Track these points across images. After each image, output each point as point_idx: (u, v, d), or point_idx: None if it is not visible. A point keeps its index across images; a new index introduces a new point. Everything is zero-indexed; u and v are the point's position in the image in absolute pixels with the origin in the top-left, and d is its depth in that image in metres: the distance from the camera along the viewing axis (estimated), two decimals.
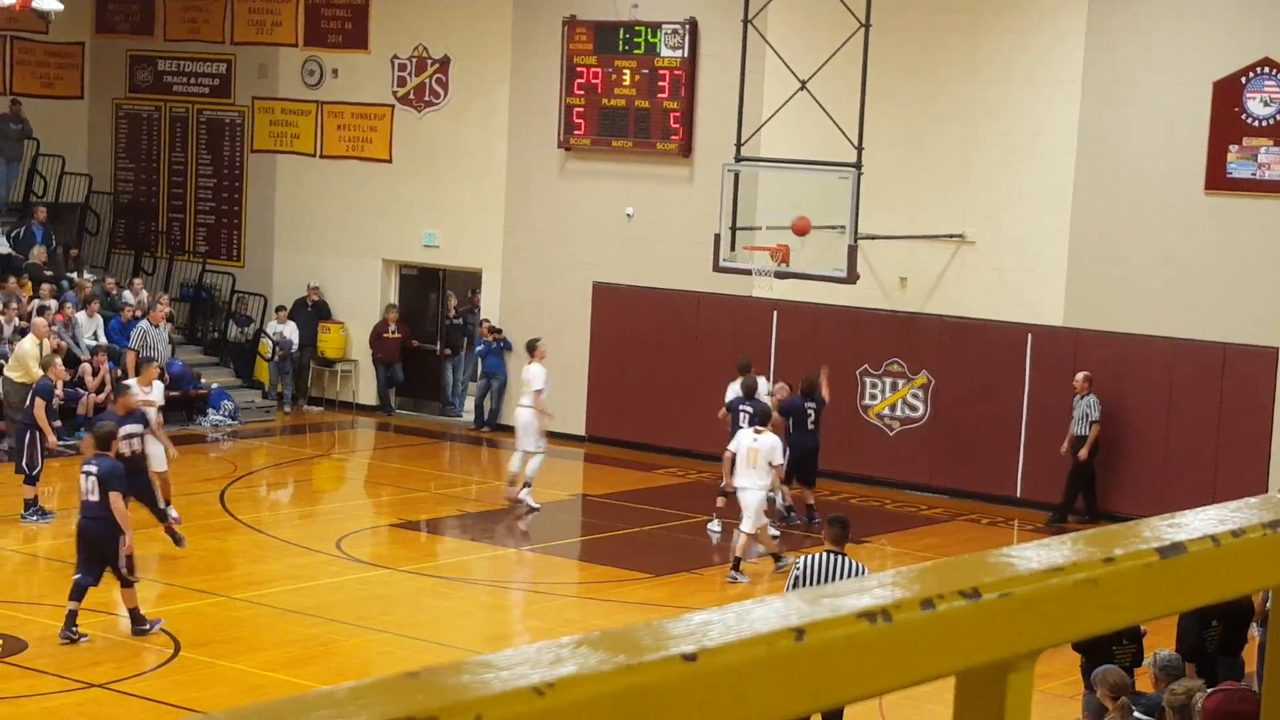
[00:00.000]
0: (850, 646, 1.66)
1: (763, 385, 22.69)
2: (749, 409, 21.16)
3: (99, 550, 16.32)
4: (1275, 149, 22.23)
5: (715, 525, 21.71)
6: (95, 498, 16.30)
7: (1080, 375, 22.81)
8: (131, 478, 17.23)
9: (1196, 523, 2.12)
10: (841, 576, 12.73)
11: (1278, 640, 2.25)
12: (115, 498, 16.32)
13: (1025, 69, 23.95)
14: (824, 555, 13.40)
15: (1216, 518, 2.15)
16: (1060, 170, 23.71)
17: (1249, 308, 22.47)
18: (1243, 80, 22.38)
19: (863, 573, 12.06)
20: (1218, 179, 22.57)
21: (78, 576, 16.33)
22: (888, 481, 24.88)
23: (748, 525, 19.54)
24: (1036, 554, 1.93)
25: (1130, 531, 2.06)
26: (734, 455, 19.82)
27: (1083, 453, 22.66)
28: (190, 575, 18.92)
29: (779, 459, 20.04)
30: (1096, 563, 1.92)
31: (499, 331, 28.53)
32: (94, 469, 16.42)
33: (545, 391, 23.07)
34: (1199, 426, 22.85)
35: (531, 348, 23.37)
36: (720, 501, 21.44)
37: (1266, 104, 22.26)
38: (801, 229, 22.04)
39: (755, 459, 19.62)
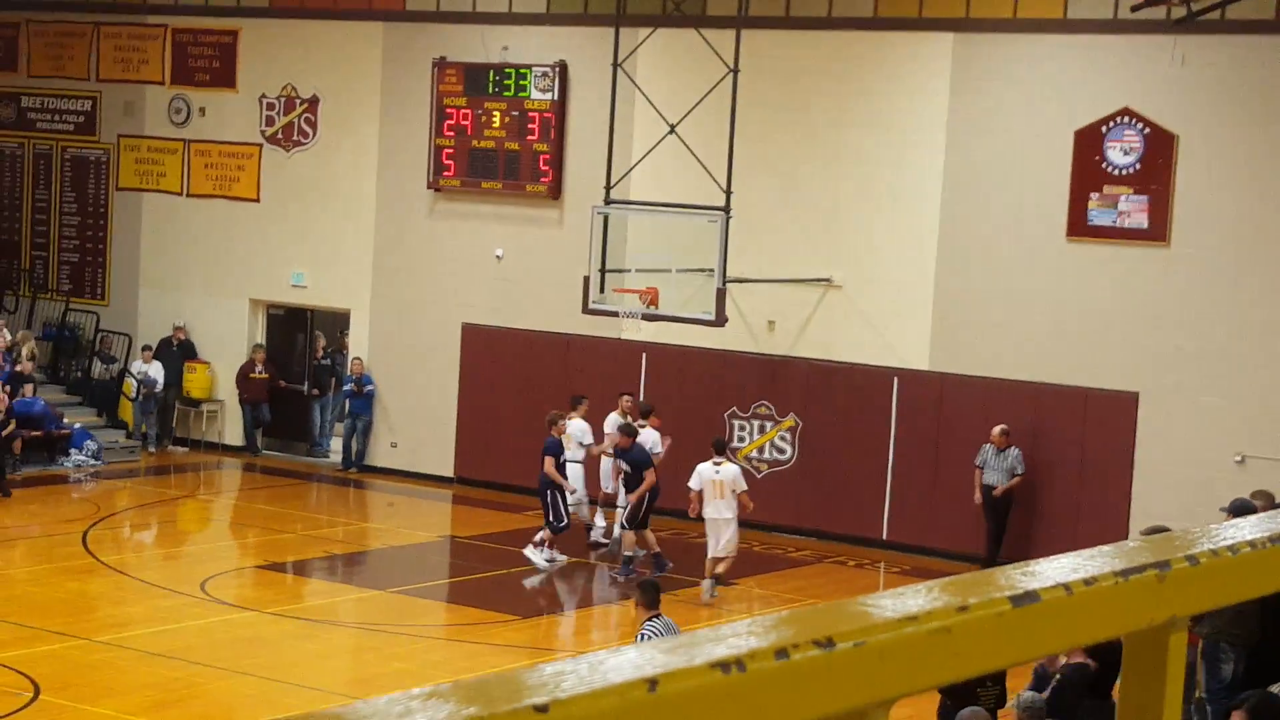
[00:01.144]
0: (704, 697, 1.66)
1: (613, 419, 23.16)
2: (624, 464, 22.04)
3: None
4: (1135, 197, 22.63)
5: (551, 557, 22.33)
6: None
7: (997, 429, 22.71)
8: None
9: (1050, 571, 2.14)
10: None
11: (1131, 689, 2.28)
12: None
13: (891, 115, 24.22)
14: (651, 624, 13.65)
15: (1070, 566, 2.18)
16: (926, 216, 23.98)
17: (1110, 353, 22.83)
18: (1103, 129, 22.78)
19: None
20: (1079, 226, 22.94)
21: None
22: (755, 524, 24.93)
23: (721, 549, 20.46)
24: (891, 603, 1.94)
25: (984, 579, 2.08)
26: (699, 491, 20.53)
27: (998, 491, 22.84)
28: (51, 617, 18.61)
29: (743, 485, 20.70)
30: (950, 611, 1.94)
31: (366, 382, 28.32)
32: None
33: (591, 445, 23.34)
34: (1062, 470, 23.16)
35: (575, 404, 23.22)
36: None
37: (1126, 153, 22.67)
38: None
39: (721, 490, 20.32)
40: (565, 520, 21.70)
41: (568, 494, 22.18)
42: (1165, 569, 2.20)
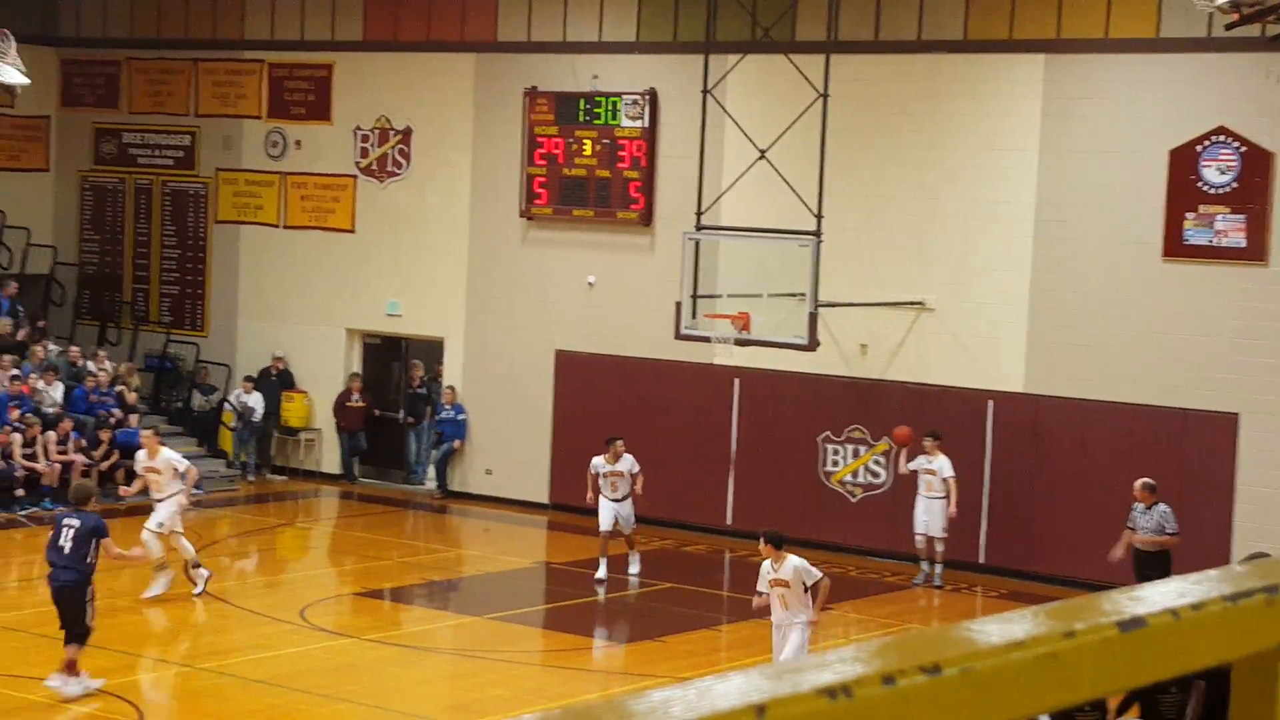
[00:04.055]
0: None
1: (626, 459, 23.13)
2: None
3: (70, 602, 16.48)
4: (1231, 216, 22.42)
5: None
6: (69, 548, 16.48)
7: (1140, 483, 20.45)
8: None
9: (1156, 596, 2.14)
10: None
11: (1241, 716, 2.27)
12: (107, 543, 16.73)
13: (983, 137, 24.14)
14: None
15: (1177, 590, 2.18)
16: (1019, 237, 23.86)
17: (1208, 373, 22.60)
18: (1198, 149, 22.59)
19: None
20: (1175, 246, 22.74)
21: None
22: (850, 548, 24.89)
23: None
24: (997, 628, 1.95)
25: (1091, 605, 2.08)
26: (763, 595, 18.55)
27: (1149, 543, 20.29)
28: (154, 645, 18.83)
29: (815, 574, 17.75)
30: (1057, 637, 1.94)
31: (458, 411, 28.53)
32: (75, 523, 16.61)
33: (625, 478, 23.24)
34: (1161, 493, 22.90)
35: (607, 443, 23.34)
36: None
37: (1222, 172, 22.47)
38: (903, 438, 23.23)
39: (785, 598, 17.78)
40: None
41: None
42: (1275, 593, 2.19)
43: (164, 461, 21.53)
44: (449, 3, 28.52)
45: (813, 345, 22.27)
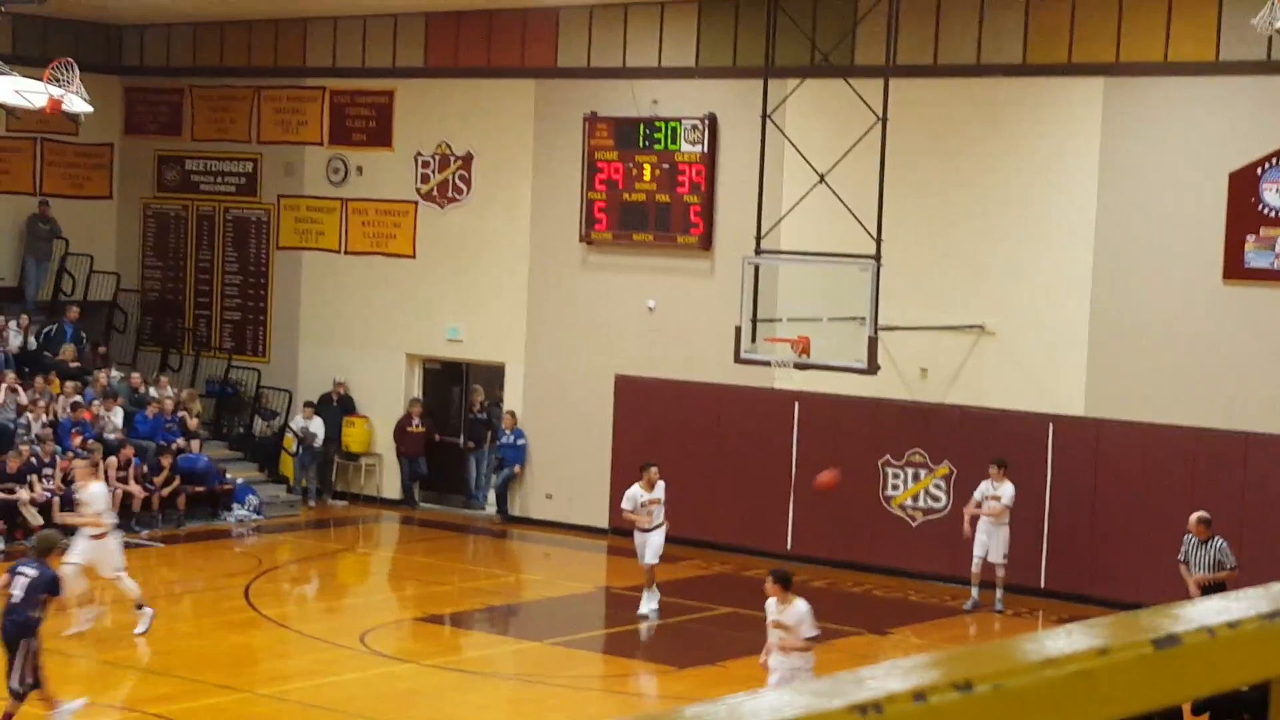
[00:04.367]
0: None
1: (660, 486, 22.33)
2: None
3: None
4: None
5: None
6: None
7: (1195, 517, 19.88)
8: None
9: (1194, 613, 2.15)
10: None
11: None
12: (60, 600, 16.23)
13: (1042, 160, 24.07)
14: None
15: (1215, 608, 2.18)
16: (1079, 260, 23.78)
17: (1270, 396, 22.45)
18: (1259, 171, 22.47)
19: None
20: (1235, 268, 22.62)
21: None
22: (911, 572, 24.81)
23: None
24: (1031, 645, 1.97)
25: (1126, 622, 2.09)
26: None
27: (1207, 580, 19.62)
28: (214, 671, 18.91)
29: (811, 629, 17.06)
30: (1091, 654, 1.95)
31: (517, 436, 28.57)
32: (32, 574, 16.04)
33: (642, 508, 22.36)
34: (1223, 516, 22.74)
35: (641, 470, 22.86)
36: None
37: None
38: (827, 484, 21.77)
39: (785, 640, 17.12)
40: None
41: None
42: None
43: (91, 494, 20.52)
44: (509, 29, 28.66)
45: (873, 369, 22.24)
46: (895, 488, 25.24)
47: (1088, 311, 23.74)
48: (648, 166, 27.14)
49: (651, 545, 22.20)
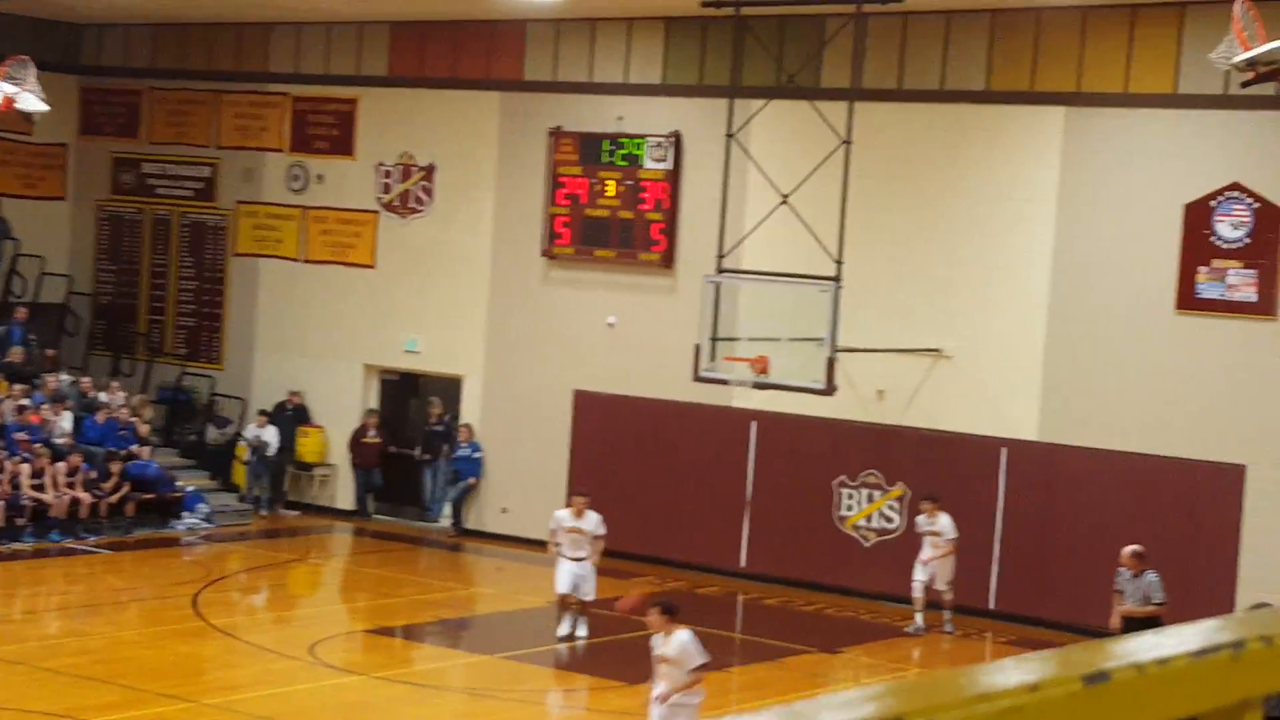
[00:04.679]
0: None
1: (591, 518, 21.76)
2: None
3: None
4: (1244, 271, 22.48)
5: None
6: None
7: (1128, 551, 19.54)
8: None
9: (1126, 649, 2.17)
10: None
11: None
12: None
13: (1003, 186, 24.19)
14: None
15: (1149, 644, 2.20)
16: (1036, 287, 23.90)
17: (1217, 425, 22.64)
18: (1212, 204, 22.66)
19: None
20: (1188, 299, 22.80)
21: None
22: (863, 593, 24.86)
23: None
24: (964, 680, 1.97)
25: (1060, 658, 2.11)
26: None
27: (1135, 614, 19.29)
28: (160, 680, 18.81)
29: (697, 658, 16.55)
30: (1022, 690, 1.96)
31: (473, 449, 28.53)
32: None
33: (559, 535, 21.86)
34: (1170, 542, 22.90)
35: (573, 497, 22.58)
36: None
37: (1235, 227, 22.53)
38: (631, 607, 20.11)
39: (670, 674, 16.63)
40: None
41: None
42: (1240, 649, 2.21)
43: None
44: (475, 40, 28.63)
45: (830, 390, 22.29)
46: (850, 508, 25.30)
47: (1043, 337, 23.86)
48: (611, 182, 27.16)
49: (572, 574, 21.44)
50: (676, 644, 15.62)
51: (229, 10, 29.58)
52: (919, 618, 23.26)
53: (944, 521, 23.18)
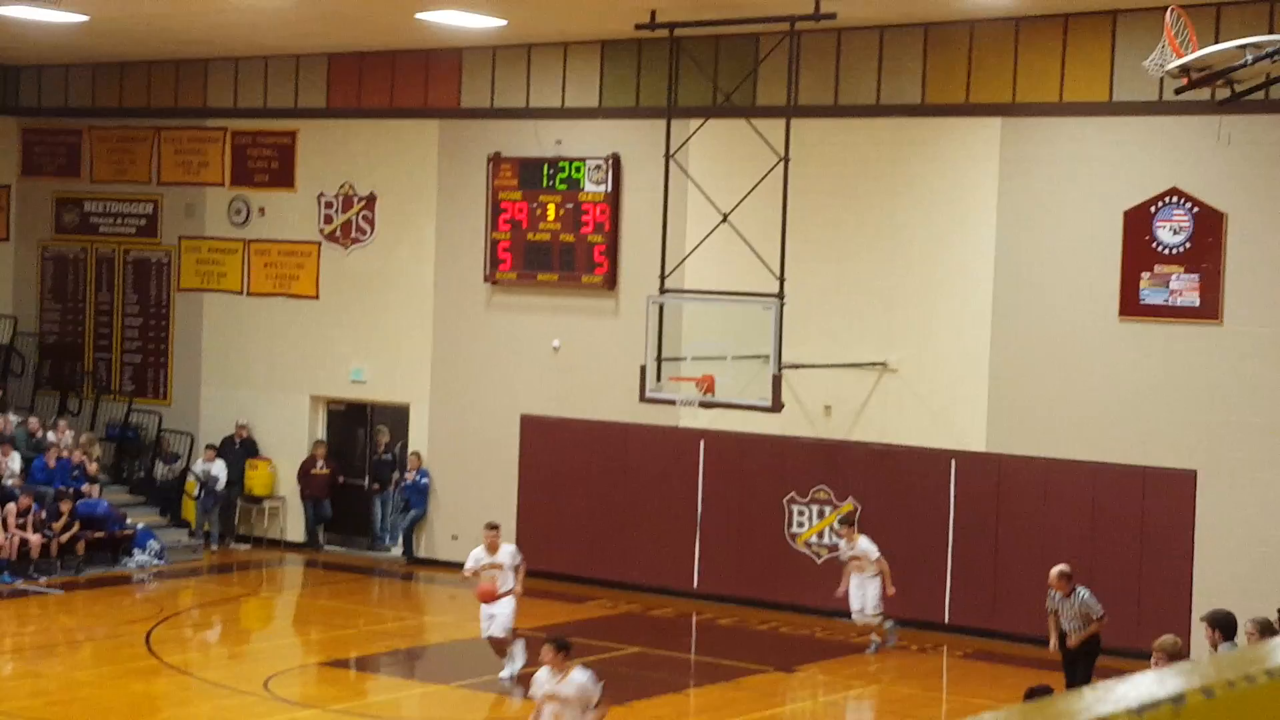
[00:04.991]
0: None
1: (505, 550, 20.96)
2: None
3: None
4: (1186, 276, 22.64)
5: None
6: None
7: (1055, 571, 19.04)
8: None
9: (1069, 709, 2.20)
10: None
11: None
12: None
13: (942, 198, 24.32)
14: None
15: (1090, 702, 2.23)
16: (979, 297, 24.03)
17: (1167, 431, 22.76)
18: (1152, 209, 22.82)
19: None
20: (1131, 305, 22.95)
21: None
22: (816, 609, 24.91)
23: None
24: None
25: (1011, 715, 2.14)
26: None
27: (1072, 641, 19.04)
28: (115, 719, 18.72)
29: (595, 693, 16.02)
30: None
31: (420, 475, 28.48)
32: None
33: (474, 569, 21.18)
34: (1122, 550, 23.06)
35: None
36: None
37: (1175, 232, 22.70)
38: (486, 595, 20.45)
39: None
40: None
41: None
42: (1180, 703, 2.25)
43: None
44: (412, 69, 28.64)
45: (777, 407, 22.35)
46: (800, 525, 25.37)
47: (988, 348, 23.99)
48: (552, 206, 27.19)
49: (497, 618, 20.67)
50: (574, 685, 15.10)
51: (167, 47, 29.50)
52: (875, 635, 23.21)
53: (863, 544, 22.77)
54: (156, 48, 29.67)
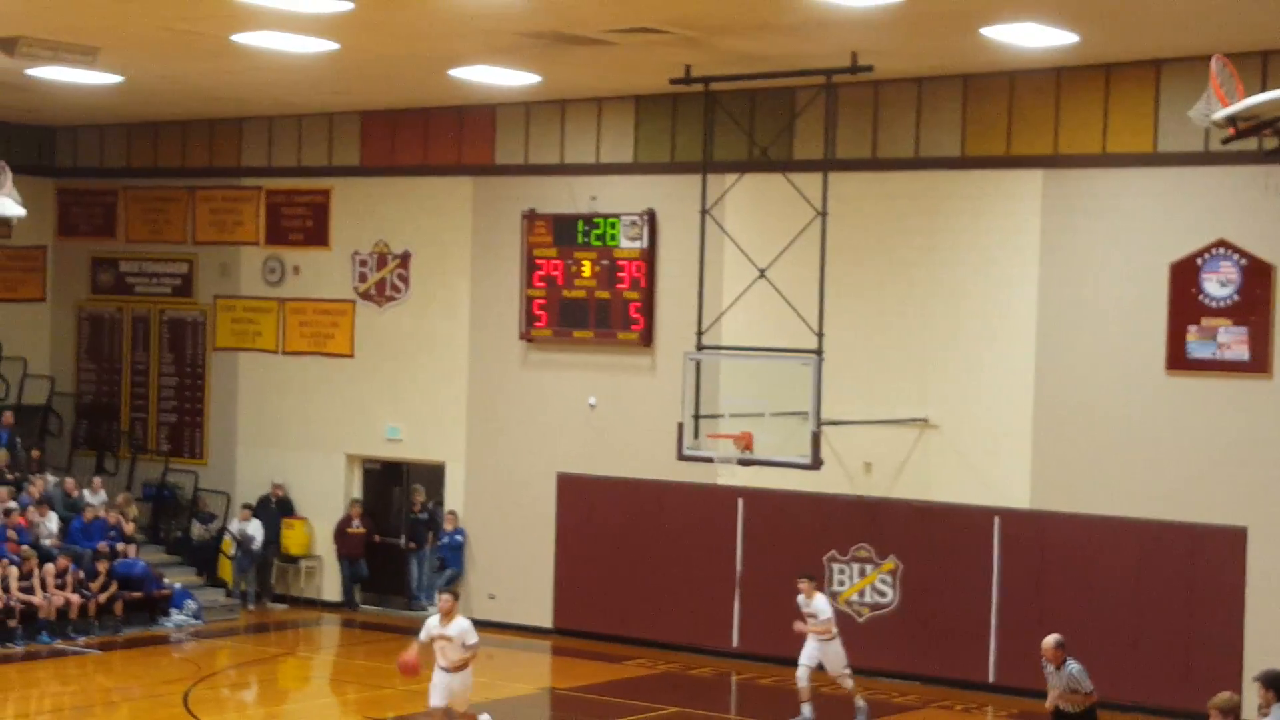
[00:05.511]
0: None
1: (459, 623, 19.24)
2: None
3: None
4: (1234, 329, 22.32)
5: None
6: None
7: (1049, 641, 17.91)
8: None
9: None
10: None
11: None
12: None
13: (983, 252, 24.08)
14: None
15: None
16: (1021, 353, 23.75)
17: (1216, 487, 22.40)
18: (1199, 261, 22.53)
19: None
20: (1178, 359, 22.62)
21: None
22: (858, 669, 24.55)
23: None
24: None
25: None
26: None
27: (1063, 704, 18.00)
28: None
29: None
30: None
31: (457, 534, 28.31)
32: None
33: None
34: (1170, 609, 22.68)
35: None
36: None
37: (1223, 285, 22.40)
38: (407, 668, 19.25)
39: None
40: None
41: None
42: None
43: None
44: (446, 127, 28.62)
45: (816, 464, 22.11)
46: (841, 583, 25.07)
47: (1031, 403, 23.69)
48: (587, 263, 27.06)
49: (448, 688, 18.77)
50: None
51: (201, 107, 29.59)
52: (807, 709, 21.59)
53: (819, 602, 21.75)
54: (191, 108, 29.77)
